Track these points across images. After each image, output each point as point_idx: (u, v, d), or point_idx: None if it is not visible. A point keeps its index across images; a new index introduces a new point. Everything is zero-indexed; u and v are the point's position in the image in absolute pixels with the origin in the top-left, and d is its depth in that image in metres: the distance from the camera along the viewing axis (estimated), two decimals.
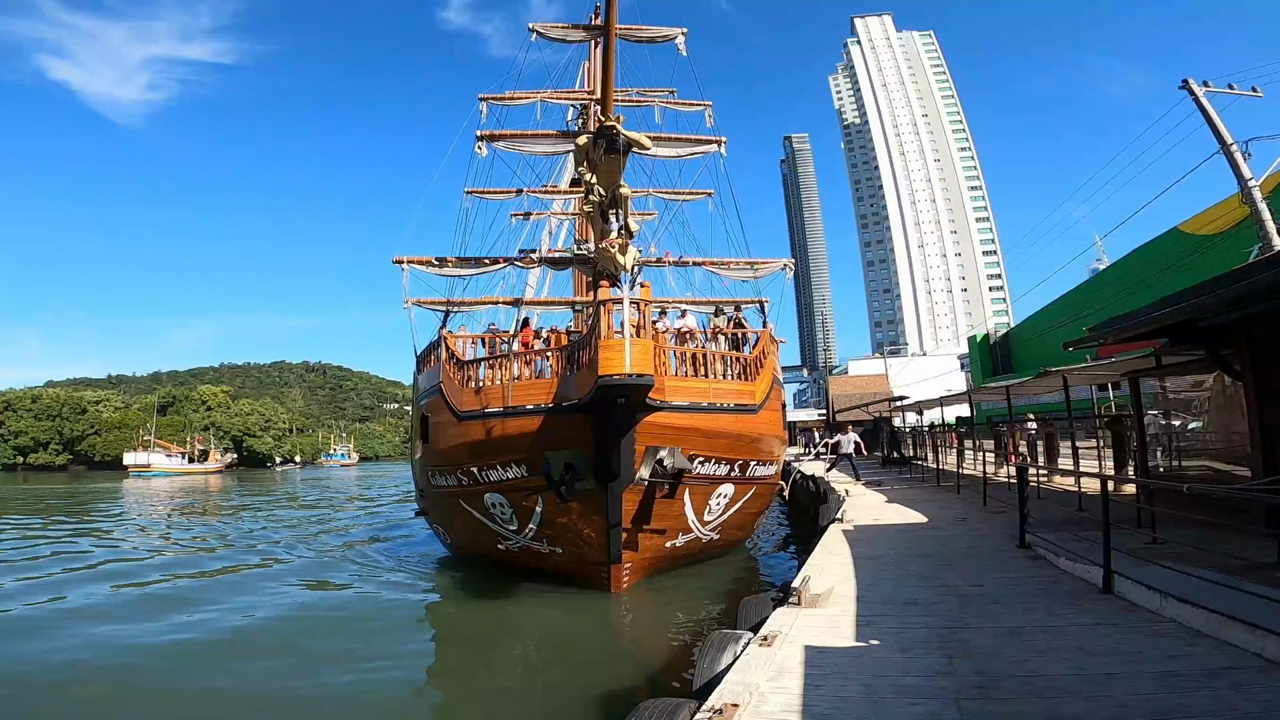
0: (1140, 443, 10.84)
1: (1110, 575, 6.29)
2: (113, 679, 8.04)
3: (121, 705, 7.33)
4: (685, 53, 16.75)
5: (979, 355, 53.98)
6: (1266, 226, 14.64)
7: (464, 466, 12.60)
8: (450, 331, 15.15)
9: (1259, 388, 7.79)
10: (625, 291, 10.63)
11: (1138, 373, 11.15)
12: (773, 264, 18.90)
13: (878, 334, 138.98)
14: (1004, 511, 11.80)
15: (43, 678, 8.04)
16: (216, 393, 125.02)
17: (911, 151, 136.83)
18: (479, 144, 16.90)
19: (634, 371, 9.95)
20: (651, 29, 16.90)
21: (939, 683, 4.39)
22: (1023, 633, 5.32)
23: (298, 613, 11.21)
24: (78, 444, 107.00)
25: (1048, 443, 17.86)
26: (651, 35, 16.78)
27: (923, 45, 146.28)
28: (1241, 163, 14.92)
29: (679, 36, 16.67)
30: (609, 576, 11.25)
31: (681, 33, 16.77)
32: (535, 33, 16.24)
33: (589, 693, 7.05)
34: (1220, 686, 3.99)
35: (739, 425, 12.44)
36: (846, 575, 7.78)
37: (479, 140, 16.89)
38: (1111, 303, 23.78)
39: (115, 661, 8.70)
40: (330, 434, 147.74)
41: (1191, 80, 15.78)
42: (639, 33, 16.75)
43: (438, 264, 16.27)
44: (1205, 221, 25.21)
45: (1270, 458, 7.50)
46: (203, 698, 7.45)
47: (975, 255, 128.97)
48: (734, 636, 5.91)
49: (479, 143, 16.89)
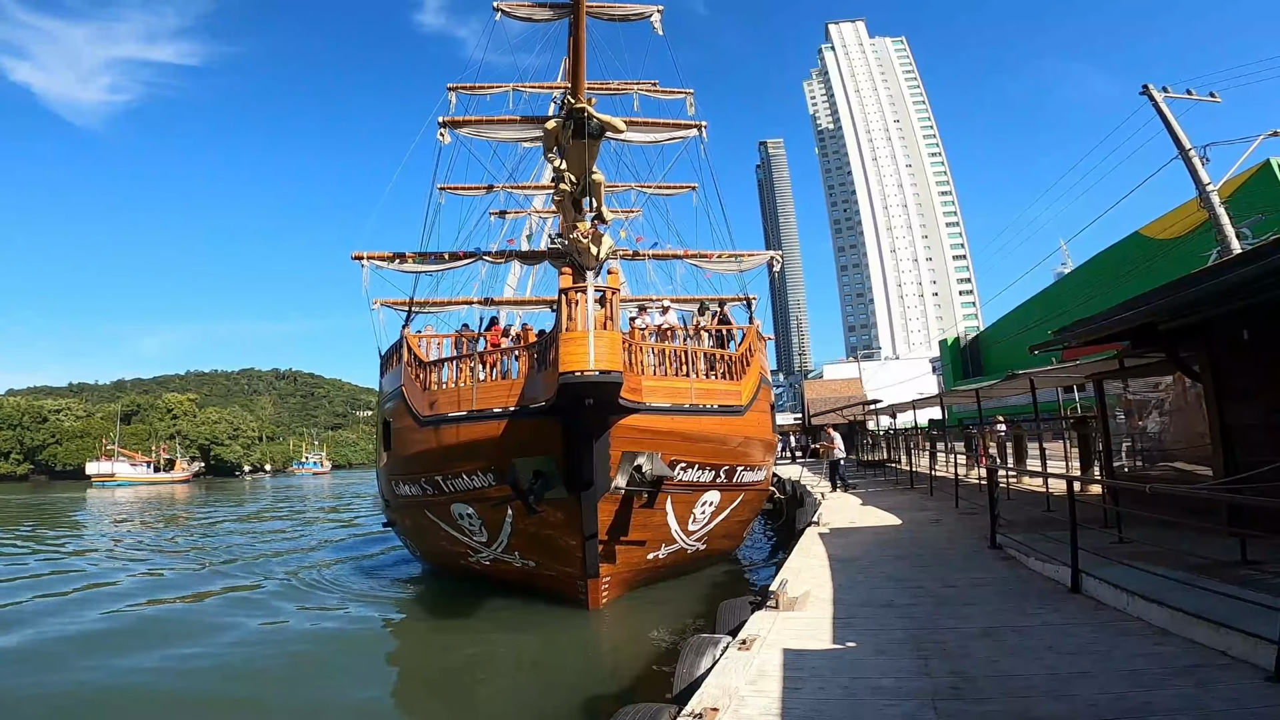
0: (1105, 444, 11.08)
1: (1078, 575, 6.41)
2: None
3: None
4: (661, 31, 15.85)
5: (950, 358, 54.99)
6: (1225, 230, 15.06)
7: (428, 475, 11.83)
8: (414, 332, 14.30)
9: (1218, 389, 8.02)
10: (590, 279, 9.74)
11: (1101, 375, 11.40)
12: (759, 256, 18.21)
13: (852, 338, 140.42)
14: (976, 513, 11.97)
15: None
16: (182, 400, 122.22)
17: (884, 156, 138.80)
18: (441, 131, 15.84)
19: (599, 368, 9.05)
20: (625, 6, 16.01)
21: (915, 684, 4.43)
22: (995, 633, 5.39)
23: (246, 651, 9.47)
24: (39, 453, 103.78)
25: (1016, 444, 18.18)
26: (625, 14, 15.93)
27: (895, 51, 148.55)
28: (1200, 167, 15.25)
29: (654, 15, 15.71)
30: (586, 592, 10.51)
31: (657, 10, 15.80)
32: (501, 11, 15.30)
33: (569, 703, 6.96)
34: (1186, 684, 4.07)
35: (724, 428, 11.73)
36: (824, 578, 7.83)
37: (441, 127, 15.85)
38: (1076, 306, 24.33)
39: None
40: (302, 442, 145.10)
41: (1151, 86, 16.10)
42: (611, 10, 15.88)
43: (396, 260, 15.59)
44: (1165, 226, 25.98)
45: (1230, 457, 7.72)
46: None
47: (946, 259, 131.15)
48: (713, 641, 5.92)
49: (441, 129, 15.84)
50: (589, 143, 10.17)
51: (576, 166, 10.45)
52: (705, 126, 17.68)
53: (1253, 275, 5.00)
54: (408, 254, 15.80)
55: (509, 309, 20.71)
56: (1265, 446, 7.03)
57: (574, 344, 9.19)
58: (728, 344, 13.65)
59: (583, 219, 10.89)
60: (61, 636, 10.33)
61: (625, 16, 15.95)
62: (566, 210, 11.81)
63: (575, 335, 9.25)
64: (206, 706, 7.51)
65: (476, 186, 19.67)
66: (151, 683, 8.18)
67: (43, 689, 7.97)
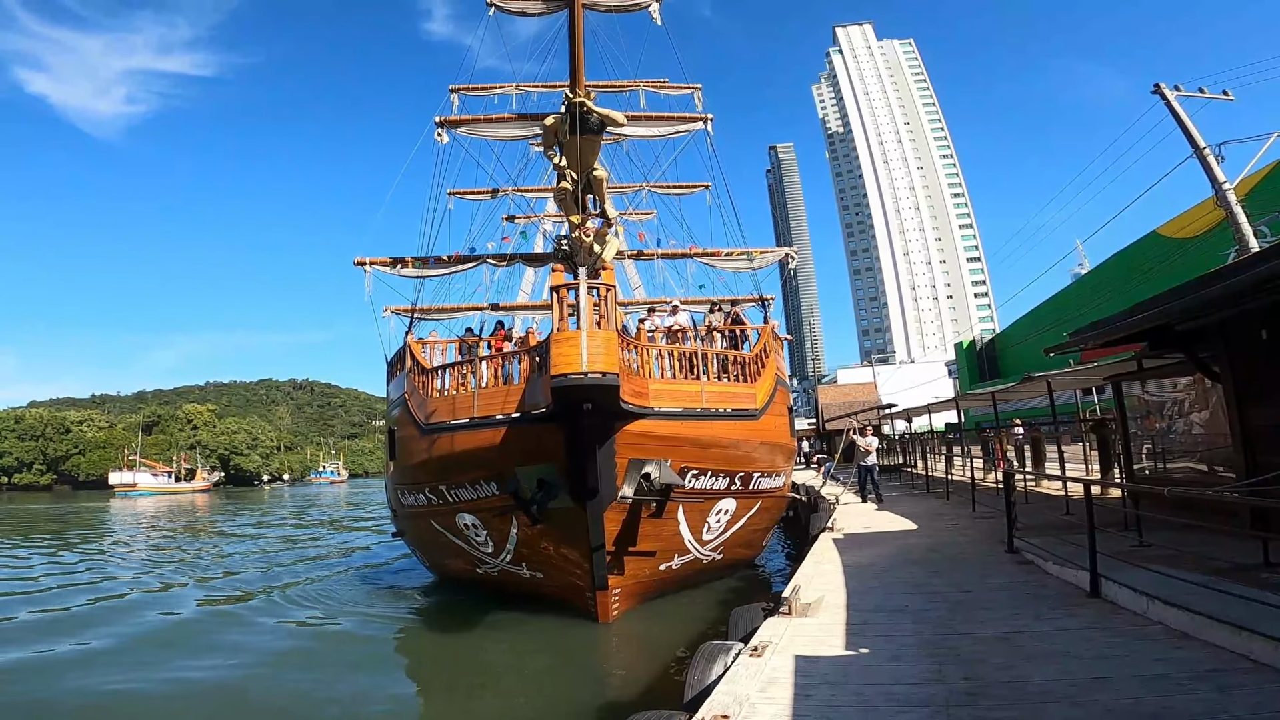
0: (1125, 445, 10.93)
1: (1097, 579, 6.31)
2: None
3: None
4: (660, 22, 14.98)
5: (966, 361, 54.49)
6: (1242, 229, 14.84)
7: (432, 484, 11.49)
8: (419, 338, 13.96)
9: (1238, 390, 7.88)
10: (583, 275, 9.17)
11: (1119, 376, 11.25)
12: (772, 254, 17.62)
13: (866, 342, 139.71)
14: (992, 517, 11.83)
15: None
16: (202, 411, 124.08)
17: (895, 159, 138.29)
18: (438, 130, 15.43)
19: (592, 370, 8.45)
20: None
21: (929, 690, 4.38)
22: (1011, 638, 5.32)
23: (247, 660, 9.42)
24: (62, 464, 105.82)
25: (1034, 447, 17.96)
26: (621, 3, 15.08)
27: (903, 53, 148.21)
28: (1215, 166, 15.04)
29: (652, 4, 14.86)
30: (595, 604, 10.11)
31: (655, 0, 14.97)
32: (494, 6, 14.73)
33: (579, 712, 6.94)
34: (1207, 689, 3.99)
35: (738, 433, 11.24)
36: (837, 584, 7.77)
37: (439, 127, 15.43)
38: (1093, 307, 24.04)
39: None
40: (319, 451, 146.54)
41: (1163, 85, 15.90)
42: (607, 0, 14.93)
43: (398, 265, 15.38)
44: (1182, 225, 25.59)
45: (1252, 458, 7.58)
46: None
47: (960, 261, 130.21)
48: (724, 648, 5.90)
49: (439, 129, 15.43)
50: (589, 138, 9.87)
51: (577, 162, 10.16)
52: (711, 119, 17.02)
53: (1267, 275, 4.92)
54: (408, 259, 15.55)
55: (521, 314, 20.55)
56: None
57: (565, 345, 8.63)
58: (741, 345, 13.21)
59: (587, 217, 10.62)
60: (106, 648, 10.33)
61: (622, 7, 15.20)
62: (569, 208, 11.53)
63: (567, 336, 8.71)
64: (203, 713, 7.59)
65: (483, 191, 19.30)
66: (145, 690, 8.24)
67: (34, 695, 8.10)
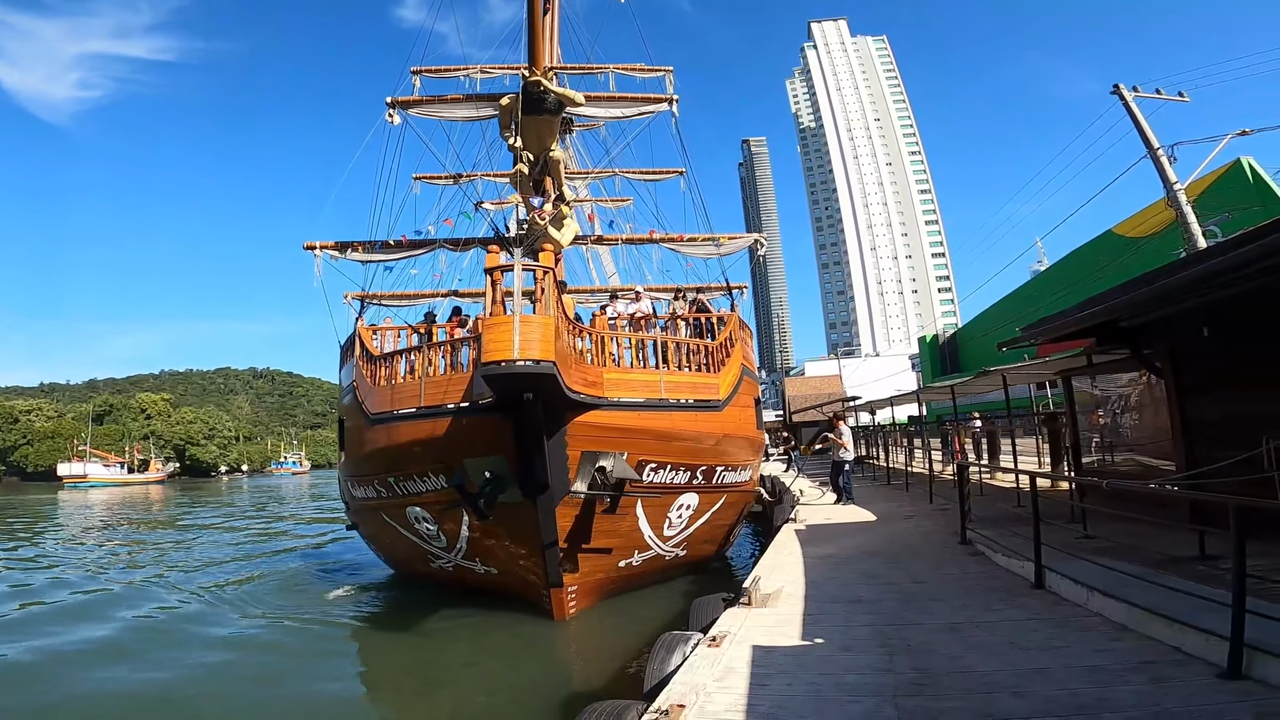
0: (1074, 439, 11.26)
1: (1041, 570, 6.48)
2: None
3: None
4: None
5: (929, 355, 55.59)
6: (1192, 229, 15.35)
7: (380, 476, 11.10)
8: (369, 325, 13.34)
9: (1179, 385, 8.18)
10: (518, 256, 8.61)
11: (1070, 371, 11.58)
12: (740, 239, 16.98)
13: (833, 335, 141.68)
14: (949, 509, 12.06)
15: None
16: (156, 400, 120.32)
17: (865, 155, 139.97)
18: (390, 112, 14.43)
19: (525, 356, 7.93)
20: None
21: (879, 680, 4.46)
22: (959, 629, 5.45)
23: (206, 658, 9.01)
24: (10, 455, 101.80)
25: (989, 440, 18.43)
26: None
27: (876, 50, 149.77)
28: (1167, 166, 15.49)
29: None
30: (550, 602, 9.82)
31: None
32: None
33: (538, 706, 6.93)
34: (1141, 680, 4.11)
35: (700, 424, 10.86)
36: (797, 575, 7.87)
37: (390, 107, 14.45)
38: (1050, 303, 24.66)
39: None
40: (280, 441, 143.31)
41: (1122, 86, 16.36)
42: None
43: (345, 249, 14.79)
44: (1136, 224, 26.38)
45: (1191, 453, 7.87)
46: None
47: (925, 257, 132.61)
48: (683, 638, 5.93)
49: (390, 110, 14.44)
50: (545, 118, 9.49)
51: (534, 144, 9.81)
52: (677, 100, 16.30)
53: (1200, 275, 5.09)
54: (357, 243, 14.94)
55: (470, 300, 20.13)
56: (1224, 441, 7.18)
57: (496, 330, 8.08)
58: (707, 334, 12.82)
59: (545, 199, 10.18)
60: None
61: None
62: (525, 191, 11.04)
63: (498, 321, 8.18)
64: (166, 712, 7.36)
65: (445, 176, 18.42)
66: (69, 706, 7.68)
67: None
